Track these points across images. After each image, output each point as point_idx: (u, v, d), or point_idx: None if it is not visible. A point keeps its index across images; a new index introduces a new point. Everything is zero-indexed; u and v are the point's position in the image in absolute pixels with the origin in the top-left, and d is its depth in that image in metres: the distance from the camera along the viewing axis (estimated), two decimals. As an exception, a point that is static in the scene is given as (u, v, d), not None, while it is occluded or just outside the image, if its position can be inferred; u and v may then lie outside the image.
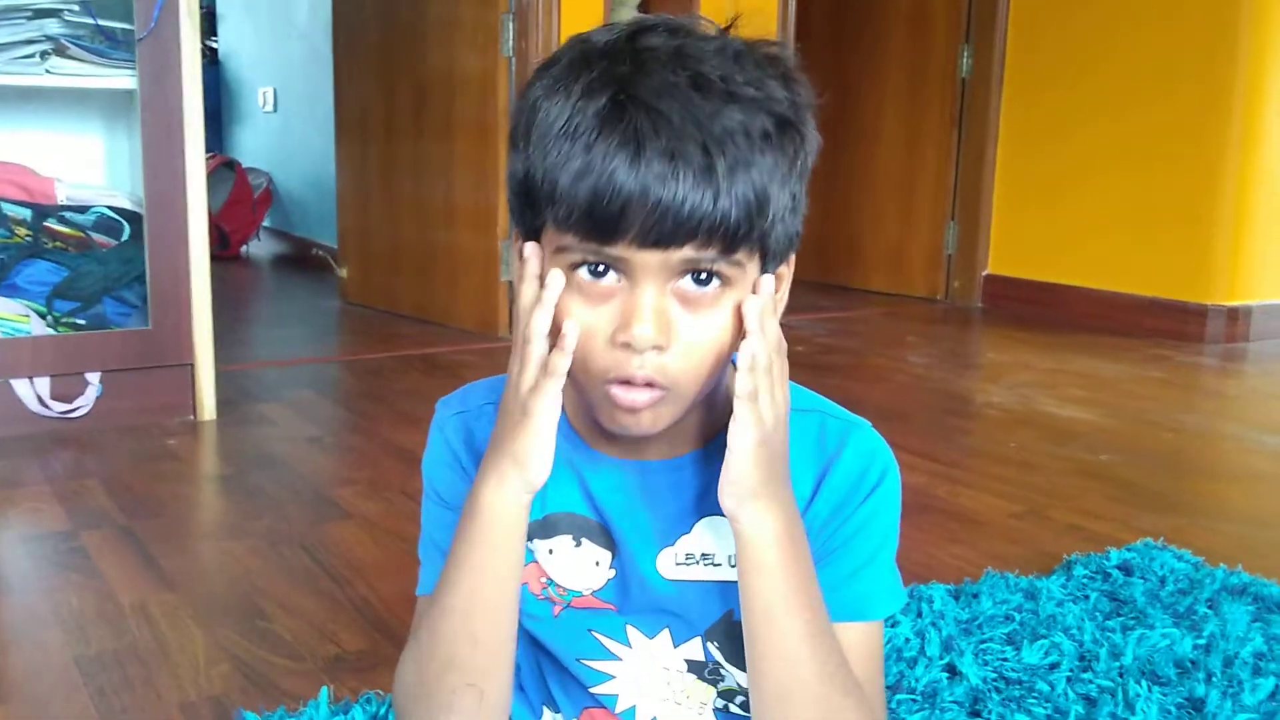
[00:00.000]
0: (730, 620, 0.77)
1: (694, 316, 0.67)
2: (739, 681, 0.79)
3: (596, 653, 0.80)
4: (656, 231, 0.62)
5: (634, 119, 0.62)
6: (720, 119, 0.62)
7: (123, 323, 2.15)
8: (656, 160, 0.61)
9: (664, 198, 0.61)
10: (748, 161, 0.63)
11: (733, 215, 0.63)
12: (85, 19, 2.08)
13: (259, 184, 5.05)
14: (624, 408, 0.68)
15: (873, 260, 4.19)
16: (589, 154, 0.62)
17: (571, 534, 0.78)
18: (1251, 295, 3.28)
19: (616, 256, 0.65)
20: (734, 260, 0.66)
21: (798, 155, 0.67)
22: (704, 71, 0.63)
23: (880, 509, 0.77)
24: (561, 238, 0.66)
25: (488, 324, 3.12)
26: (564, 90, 0.65)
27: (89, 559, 1.49)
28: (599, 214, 0.63)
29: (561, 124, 0.64)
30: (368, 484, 1.85)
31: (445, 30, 3.18)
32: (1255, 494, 1.96)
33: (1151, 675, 1.15)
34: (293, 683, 1.16)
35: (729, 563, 0.76)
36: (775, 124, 0.65)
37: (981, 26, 3.79)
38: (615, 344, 0.66)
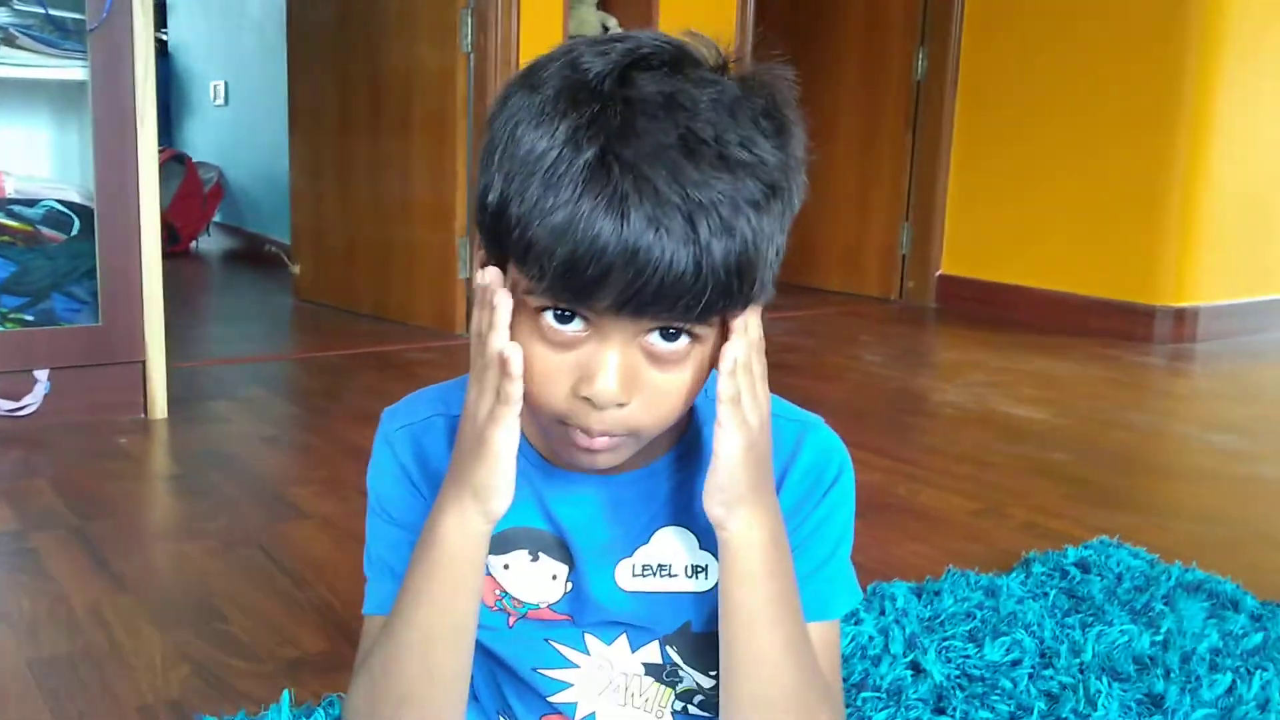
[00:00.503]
0: (689, 631, 0.77)
1: (660, 373, 0.65)
2: (697, 682, 0.79)
3: (553, 661, 0.79)
4: (635, 301, 0.61)
5: (619, 183, 0.59)
6: (708, 190, 0.60)
7: (72, 319, 2.10)
8: (640, 228, 0.59)
9: (644, 268, 0.59)
10: (733, 230, 0.61)
11: (711, 287, 0.61)
12: (35, 9, 2.03)
13: (209, 179, 4.98)
14: (581, 448, 0.67)
15: (828, 260, 4.21)
16: (569, 212, 0.59)
17: (528, 549, 0.77)
18: (1198, 297, 3.34)
19: (586, 313, 0.63)
20: (710, 323, 0.65)
21: (785, 213, 0.65)
22: (695, 129, 0.61)
23: (836, 507, 0.77)
24: (529, 284, 0.63)
25: (444, 321, 3.10)
26: (548, 126, 0.61)
27: (39, 560, 1.46)
28: (575, 278, 0.60)
29: (545, 168, 0.60)
30: (324, 483, 1.83)
31: (403, 24, 3.15)
32: (1204, 492, 1.99)
33: (1111, 671, 1.16)
34: (252, 685, 1.15)
35: (685, 574, 0.76)
36: (764, 191, 0.63)
37: (936, 30, 3.82)
38: (575, 393, 0.64)
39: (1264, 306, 3.53)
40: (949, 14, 3.77)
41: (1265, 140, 3.39)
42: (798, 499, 0.76)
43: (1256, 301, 3.50)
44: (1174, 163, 3.26)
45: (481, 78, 2.96)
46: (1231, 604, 1.35)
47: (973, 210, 3.81)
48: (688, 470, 0.76)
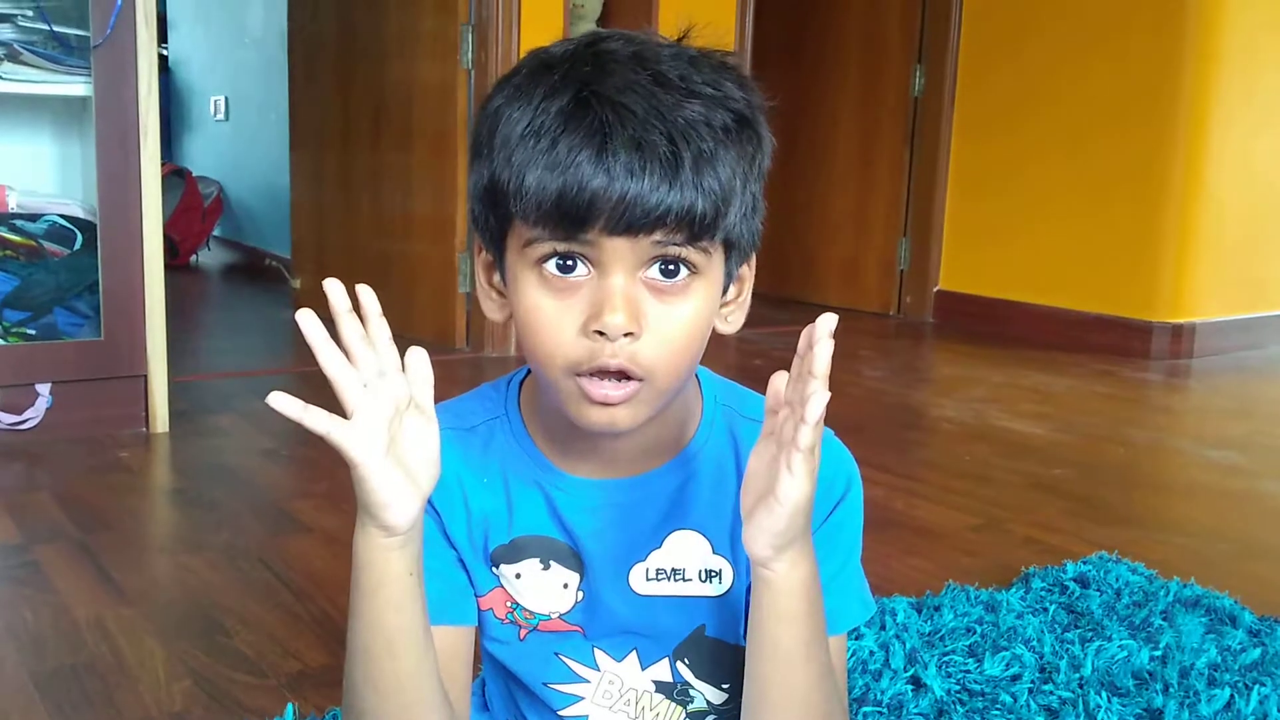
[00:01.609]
0: (701, 635, 0.78)
1: (664, 306, 0.67)
2: (708, 700, 0.79)
3: (563, 676, 0.80)
4: (626, 218, 0.63)
5: (598, 113, 0.63)
6: (682, 111, 0.64)
7: (74, 333, 2.11)
8: (623, 150, 0.63)
9: (632, 184, 0.63)
10: (711, 153, 0.65)
11: (699, 202, 0.64)
12: (40, 25, 2.04)
13: (209, 193, 4.99)
14: (597, 400, 0.67)
15: (827, 274, 4.23)
16: (555, 149, 0.63)
17: (539, 557, 0.77)
18: (1195, 313, 3.35)
19: (587, 243, 0.65)
20: (700, 247, 0.66)
21: (756, 154, 0.69)
22: (663, 71, 0.66)
23: (845, 520, 0.78)
24: (530, 231, 0.66)
25: (445, 335, 3.11)
26: (526, 96, 0.66)
27: (42, 573, 1.47)
28: (568, 204, 0.63)
29: (525, 125, 0.65)
30: (325, 497, 1.83)
31: (404, 40, 3.17)
32: (1203, 507, 2.00)
33: (1111, 686, 1.17)
34: (255, 698, 1.15)
35: (699, 578, 0.76)
36: (734, 120, 0.67)
37: (934, 47, 3.85)
38: (586, 333, 0.65)
39: (1260, 322, 3.54)
40: (946, 32, 3.79)
41: (1262, 158, 3.41)
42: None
43: (1253, 317, 3.52)
44: (1171, 180, 3.28)
45: (482, 93, 2.97)
46: (1229, 619, 1.35)
47: (970, 226, 3.83)
48: (698, 472, 0.76)
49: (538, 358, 0.68)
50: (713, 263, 0.68)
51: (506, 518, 0.77)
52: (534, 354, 0.69)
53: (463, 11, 2.97)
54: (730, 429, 0.78)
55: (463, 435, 0.77)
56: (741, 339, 3.44)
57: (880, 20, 4.02)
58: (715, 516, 0.76)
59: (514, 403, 0.79)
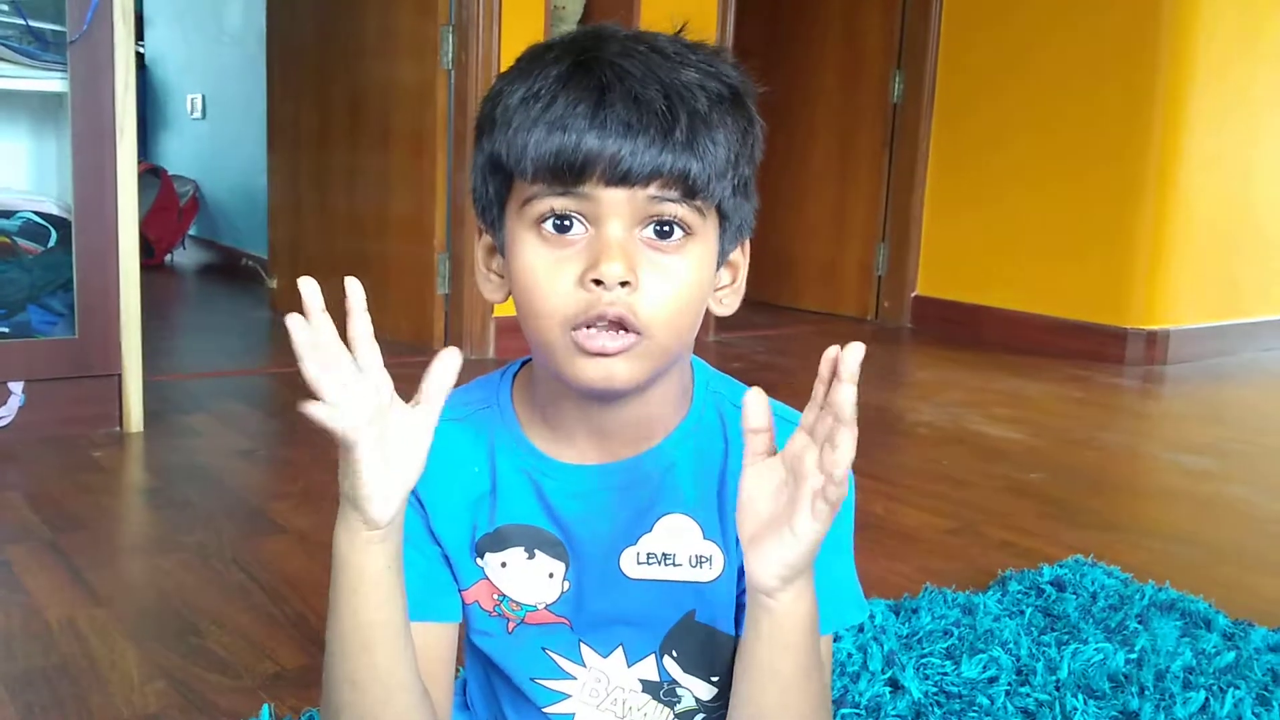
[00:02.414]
0: (691, 621, 0.77)
1: (660, 262, 0.68)
2: (696, 697, 0.79)
3: (550, 671, 0.79)
4: (623, 169, 0.65)
5: (597, 72, 0.66)
6: (679, 75, 0.66)
7: (48, 331, 2.09)
8: (620, 104, 0.64)
9: (628, 137, 0.64)
10: (706, 116, 0.66)
11: (693, 161, 0.66)
12: (15, 19, 2.02)
13: (185, 192, 4.96)
14: (594, 351, 0.67)
15: (804, 279, 4.24)
16: (553, 106, 0.65)
17: (524, 546, 0.77)
18: (1169, 320, 3.38)
19: (584, 196, 0.66)
20: (694, 206, 0.67)
21: (748, 133, 0.70)
22: (660, 45, 0.68)
23: (837, 521, 0.77)
24: (529, 189, 0.67)
25: (422, 336, 3.09)
26: (525, 72, 0.68)
27: (13, 573, 1.45)
28: (566, 156, 0.65)
29: (524, 92, 0.67)
30: (300, 497, 1.82)
31: (383, 40, 3.15)
32: (1176, 512, 2.01)
33: (1087, 689, 1.17)
34: (231, 700, 1.14)
35: (689, 563, 0.76)
36: (729, 92, 0.69)
37: (913, 54, 3.87)
38: (584, 284, 0.66)
39: (1233, 330, 3.57)
40: (925, 38, 3.81)
41: (1235, 166, 3.45)
42: None
43: (1226, 325, 3.55)
44: (1145, 187, 3.30)
45: (462, 94, 2.96)
46: (1204, 623, 1.36)
47: (948, 232, 3.85)
48: (687, 457, 0.76)
49: (536, 315, 0.68)
50: (707, 227, 0.69)
51: (493, 506, 0.76)
52: (531, 313, 0.69)
53: (443, 12, 2.96)
54: (720, 415, 0.78)
55: (451, 424, 0.77)
56: (720, 342, 3.44)
57: (860, 26, 4.04)
58: (705, 501, 0.76)
59: (506, 392, 0.79)
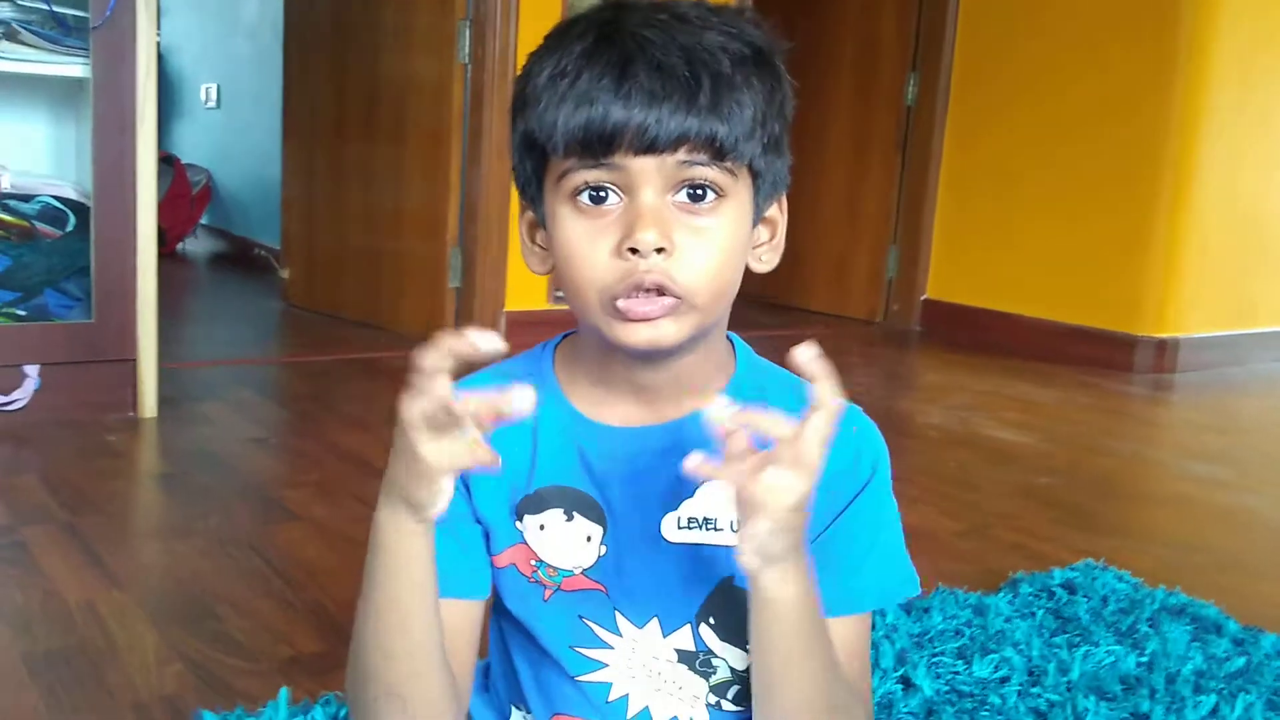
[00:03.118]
0: (729, 586, 0.77)
1: (695, 225, 0.69)
2: (732, 667, 0.80)
3: (587, 640, 0.80)
4: (650, 136, 0.66)
5: (620, 44, 0.67)
6: (701, 39, 0.68)
7: (64, 315, 2.10)
8: (643, 74, 0.66)
9: (653, 105, 0.66)
10: (730, 78, 0.68)
11: (719, 123, 0.67)
12: (39, 5, 2.03)
13: (198, 181, 4.97)
14: (637, 318, 0.68)
15: (815, 280, 4.25)
16: (579, 81, 0.67)
17: (563, 508, 0.77)
18: (1180, 328, 3.39)
19: (615, 167, 0.67)
20: (724, 168, 0.69)
21: (775, 90, 0.71)
22: (682, 11, 0.69)
23: (871, 503, 0.78)
24: (563, 164, 0.69)
25: (434, 330, 3.07)
26: (552, 49, 0.70)
27: (30, 555, 1.46)
28: (595, 129, 0.66)
29: (551, 69, 0.68)
30: (315, 486, 1.83)
31: (400, 34, 3.16)
32: (1184, 519, 2.02)
33: (1098, 691, 1.18)
34: (248, 684, 1.15)
35: (730, 528, 0.76)
36: (753, 51, 0.70)
37: (928, 57, 3.87)
38: (621, 254, 0.68)
39: (1244, 339, 3.58)
40: (941, 41, 3.82)
41: (1249, 175, 3.45)
42: (829, 485, 0.73)
43: (1237, 334, 3.55)
44: (1159, 195, 3.31)
45: (478, 88, 2.97)
46: (1215, 628, 1.37)
47: (959, 236, 3.85)
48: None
49: (576, 286, 0.70)
50: (739, 187, 0.71)
51: (534, 469, 0.77)
52: (572, 284, 0.71)
53: (460, 7, 2.97)
54: (761, 386, 0.79)
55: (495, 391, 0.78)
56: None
57: (875, 28, 4.04)
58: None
59: (548, 361, 0.80)
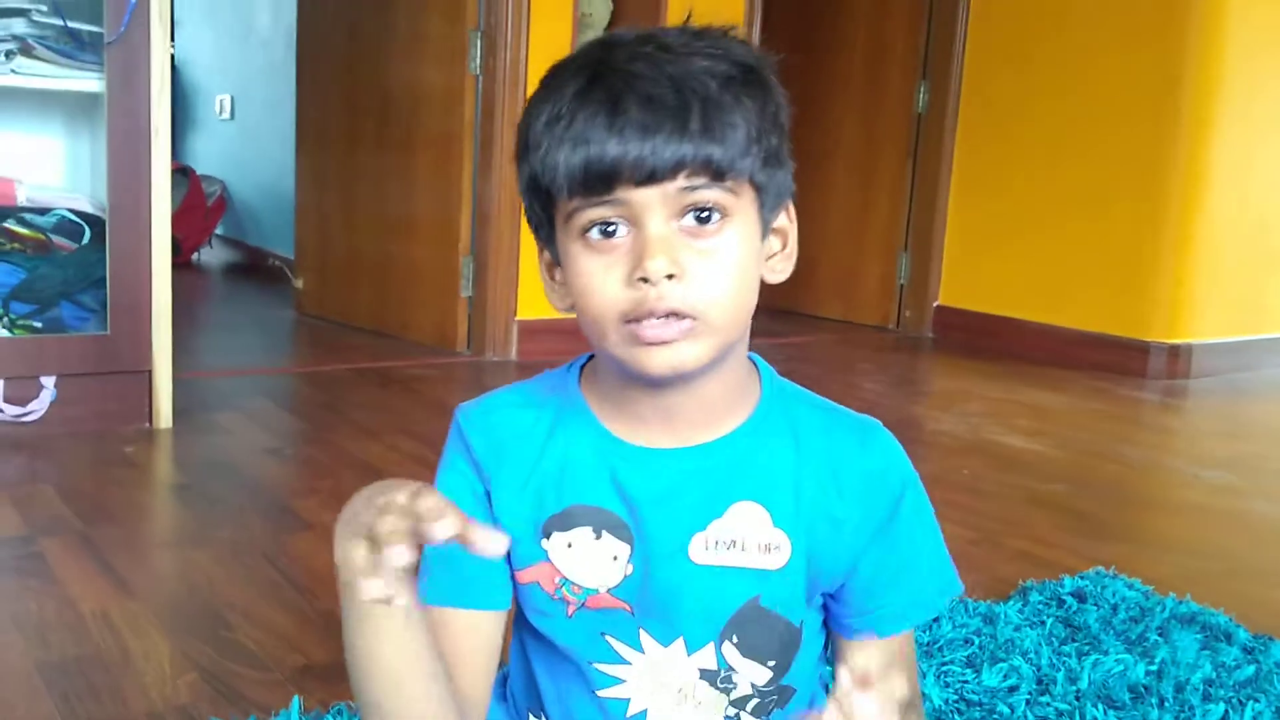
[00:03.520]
0: (755, 606, 0.78)
1: (702, 248, 0.70)
2: (752, 682, 0.80)
3: (608, 656, 0.80)
4: (647, 168, 0.68)
5: (608, 81, 0.69)
6: (688, 66, 0.69)
7: (80, 327, 2.12)
8: (634, 108, 0.68)
9: (647, 137, 0.67)
10: (719, 99, 0.69)
11: (714, 145, 0.68)
12: (54, 20, 2.06)
13: (212, 191, 5.00)
14: (652, 341, 0.70)
15: (826, 287, 4.25)
16: (574, 123, 0.69)
17: (592, 526, 0.78)
18: (1192, 334, 3.38)
19: (619, 202, 0.69)
20: (726, 188, 0.70)
21: (768, 102, 0.72)
22: (668, 41, 0.71)
23: (907, 521, 0.80)
24: (569, 204, 0.71)
25: (446, 339, 3.12)
26: (548, 92, 0.71)
27: (46, 565, 1.48)
28: (593, 168, 0.68)
29: (548, 114, 0.70)
30: (329, 495, 1.84)
31: (412, 44, 3.18)
32: (1196, 526, 2.01)
33: (1107, 699, 1.18)
34: (260, 693, 1.16)
35: (757, 549, 0.77)
36: (739, 70, 0.71)
37: (938, 64, 3.87)
38: (632, 284, 0.69)
39: (1257, 345, 3.56)
40: (951, 48, 3.82)
41: (1261, 180, 3.44)
42: (863, 499, 0.78)
43: (1250, 340, 3.54)
44: (1170, 201, 3.30)
45: (489, 99, 2.99)
46: (1224, 636, 1.37)
47: (971, 242, 3.85)
48: (758, 446, 0.78)
49: (593, 318, 0.72)
50: (743, 205, 0.72)
51: (563, 487, 0.78)
52: (589, 317, 0.72)
53: (471, 17, 2.99)
54: (787, 410, 0.81)
55: (522, 409, 0.80)
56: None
57: (886, 36, 4.04)
58: (775, 489, 0.77)
59: (574, 382, 0.81)
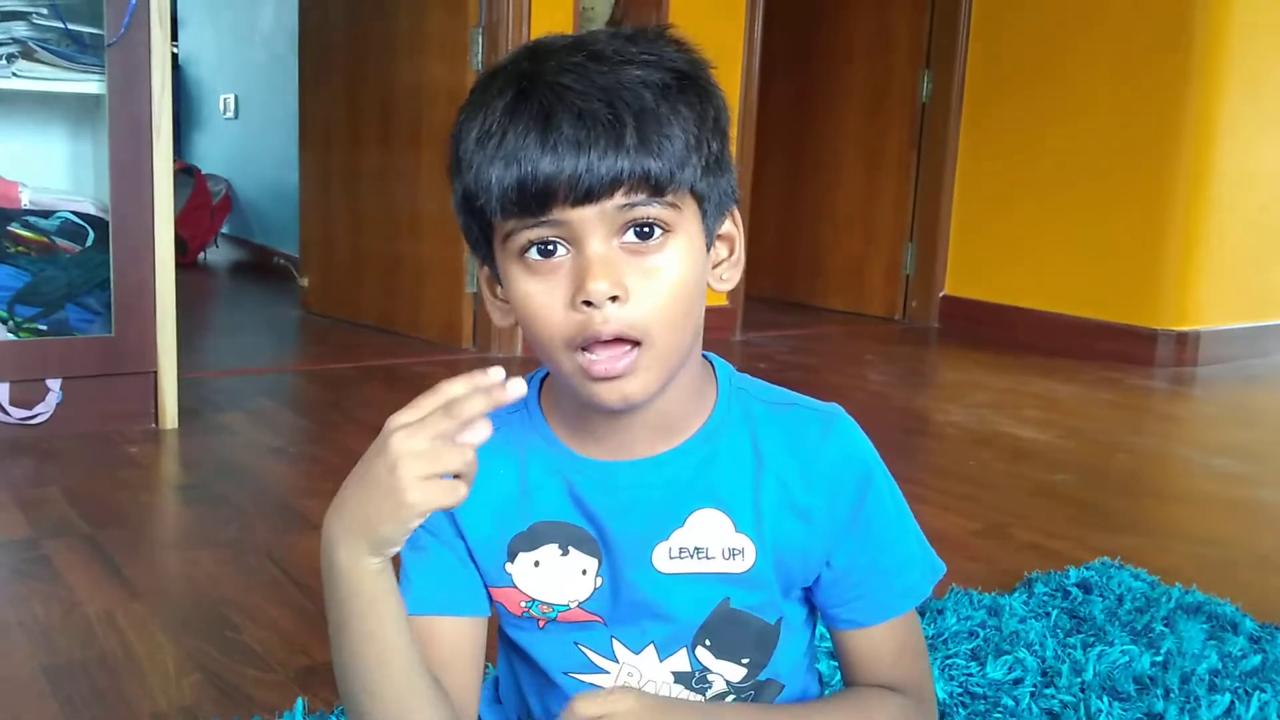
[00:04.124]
0: (726, 609, 0.78)
1: (644, 266, 0.68)
2: (727, 680, 0.80)
3: (582, 666, 0.80)
4: (583, 187, 0.65)
5: (539, 96, 0.66)
6: (620, 77, 0.66)
7: (85, 329, 2.12)
8: (566, 125, 0.65)
9: (581, 155, 0.65)
10: (654, 111, 0.66)
11: (650, 159, 0.66)
12: (54, 23, 2.06)
13: (218, 190, 5.01)
14: (601, 376, 0.68)
15: (832, 279, 4.24)
16: (505, 141, 0.66)
17: (558, 542, 0.78)
18: (1200, 321, 3.36)
19: (556, 222, 0.67)
20: (667, 202, 0.68)
21: (706, 108, 0.70)
22: (598, 49, 0.68)
23: (875, 503, 0.79)
24: (505, 224, 0.69)
25: (452, 335, 3.12)
26: (477, 106, 0.69)
27: (52, 568, 1.48)
28: (527, 188, 0.66)
29: (478, 130, 0.68)
30: (332, 495, 1.84)
31: (414, 41, 3.18)
32: (1205, 515, 2.01)
33: (1112, 691, 1.18)
34: (265, 694, 1.16)
35: (722, 555, 0.77)
36: (674, 77, 0.68)
37: (942, 53, 3.86)
38: (575, 306, 0.67)
39: (1265, 331, 3.55)
40: (954, 37, 3.80)
41: (1268, 166, 3.42)
42: (830, 490, 0.78)
43: (1258, 326, 3.53)
44: (1176, 186, 3.28)
45: (491, 95, 2.98)
46: (1231, 626, 1.36)
47: (976, 232, 3.84)
48: (716, 451, 0.78)
49: (539, 343, 0.70)
50: (685, 218, 0.70)
51: (525, 506, 0.78)
52: (535, 341, 0.71)
53: (473, 14, 2.98)
54: (746, 410, 0.79)
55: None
56: (746, 342, 3.45)
57: (888, 26, 4.03)
58: (736, 495, 0.77)
59: (534, 396, 0.80)
